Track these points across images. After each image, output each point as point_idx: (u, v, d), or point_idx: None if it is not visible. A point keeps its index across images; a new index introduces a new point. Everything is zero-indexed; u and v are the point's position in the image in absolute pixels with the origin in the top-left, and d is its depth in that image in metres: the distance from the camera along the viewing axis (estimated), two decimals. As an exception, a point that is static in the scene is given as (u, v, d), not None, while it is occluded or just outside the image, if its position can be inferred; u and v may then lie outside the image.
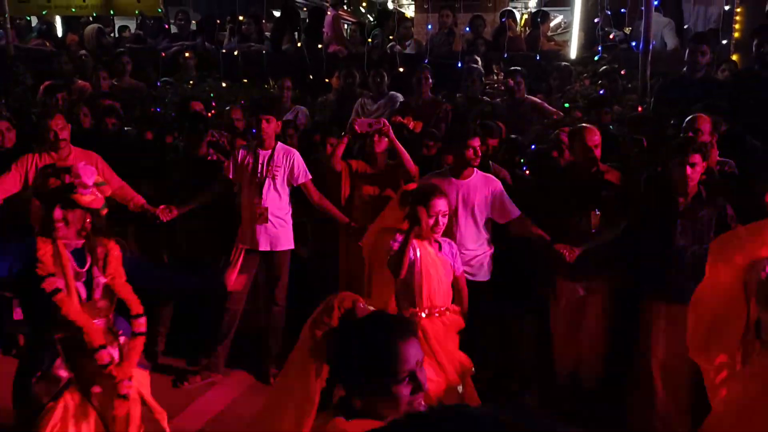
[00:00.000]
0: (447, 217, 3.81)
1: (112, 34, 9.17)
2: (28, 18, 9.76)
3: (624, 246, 4.32)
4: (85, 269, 3.16)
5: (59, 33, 9.89)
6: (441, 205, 3.73)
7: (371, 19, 10.69)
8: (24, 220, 4.79)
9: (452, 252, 3.92)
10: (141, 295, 3.33)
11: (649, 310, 4.15)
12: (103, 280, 3.19)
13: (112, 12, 8.25)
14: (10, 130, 5.17)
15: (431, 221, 3.71)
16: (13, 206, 4.82)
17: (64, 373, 3.07)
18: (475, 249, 4.46)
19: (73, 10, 8.07)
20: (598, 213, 4.34)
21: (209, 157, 5.25)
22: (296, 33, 8.48)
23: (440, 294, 3.80)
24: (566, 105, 6.19)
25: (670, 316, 4.05)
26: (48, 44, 8.71)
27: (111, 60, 7.53)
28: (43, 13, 8.47)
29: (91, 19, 8.80)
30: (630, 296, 4.33)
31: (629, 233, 4.28)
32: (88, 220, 3.16)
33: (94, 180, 3.14)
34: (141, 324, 3.26)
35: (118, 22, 9.78)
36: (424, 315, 3.72)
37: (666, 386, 4.10)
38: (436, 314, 3.77)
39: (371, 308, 2.01)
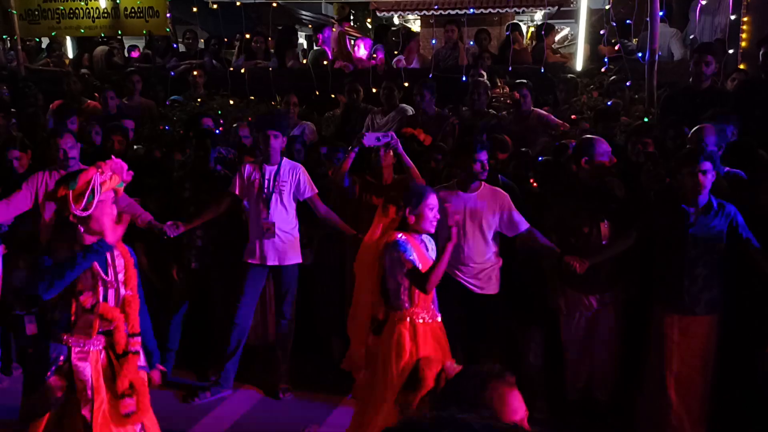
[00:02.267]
0: (436, 210, 3.70)
1: (117, 55, 9.24)
2: (38, 39, 9.88)
3: (635, 257, 4.29)
4: (111, 278, 3.10)
5: (69, 54, 10.00)
6: (432, 199, 3.67)
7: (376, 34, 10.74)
8: (35, 237, 4.85)
9: (432, 248, 3.79)
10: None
11: (661, 322, 4.11)
12: (123, 291, 3.15)
13: (120, 32, 8.33)
14: (21, 158, 5.21)
15: (431, 214, 3.64)
16: (24, 224, 4.86)
17: (59, 390, 3.02)
18: (483, 262, 4.44)
19: (82, 30, 8.17)
20: (607, 224, 4.32)
21: (217, 173, 5.27)
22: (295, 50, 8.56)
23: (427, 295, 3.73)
24: (573, 117, 6.19)
25: (684, 327, 4.02)
26: (52, 64, 8.82)
27: (121, 79, 7.61)
28: (53, 34, 8.56)
29: (100, 39, 8.89)
30: (641, 307, 4.29)
31: (640, 244, 4.25)
32: None
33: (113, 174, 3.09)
34: (137, 343, 3.20)
35: (127, 42, 9.89)
36: (421, 320, 3.65)
37: (680, 398, 4.05)
38: (424, 318, 3.68)
39: (458, 366, 2.00)
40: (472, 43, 8.35)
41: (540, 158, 5.26)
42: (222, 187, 4.98)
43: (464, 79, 6.97)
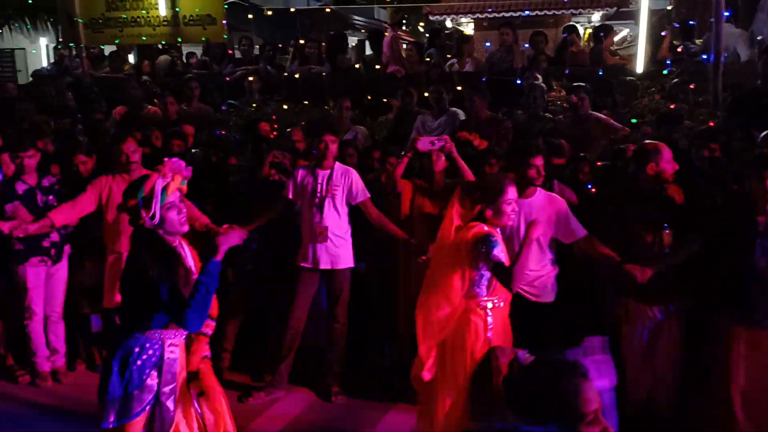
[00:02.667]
0: (514, 204, 3.69)
1: (179, 63, 9.47)
2: (102, 47, 10.20)
3: (699, 266, 4.13)
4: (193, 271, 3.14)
5: (131, 61, 10.31)
6: (512, 192, 3.67)
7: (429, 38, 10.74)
8: (99, 239, 5.01)
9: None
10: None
11: (728, 335, 3.94)
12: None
13: (179, 40, 8.52)
14: (86, 162, 5.37)
15: (509, 209, 3.63)
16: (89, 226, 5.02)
17: (153, 383, 3.04)
18: (539, 269, 4.34)
19: (144, 38, 8.39)
20: (669, 231, 4.17)
21: (272, 178, 5.32)
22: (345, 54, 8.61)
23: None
24: (633, 120, 6.02)
25: (752, 341, 3.84)
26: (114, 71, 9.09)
27: (179, 85, 7.78)
28: (116, 42, 8.82)
29: (160, 47, 9.12)
30: (705, 319, 4.13)
31: (704, 253, 4.09)
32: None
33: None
34: (210, 325, 3.29)
35: (185, 49, 10.12)
36: (491, 305, 3.63)
37: (747, 415, 3.87)
38: (501, 304, 3.68)
39: (531, 356, 2.03)
40: (527, 45, 8.24)
41: (598, 163, 5.14)
42: (276, 191, 5.03)
43: (519, 82, 6.88)
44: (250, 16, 10.83)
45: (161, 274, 2.92)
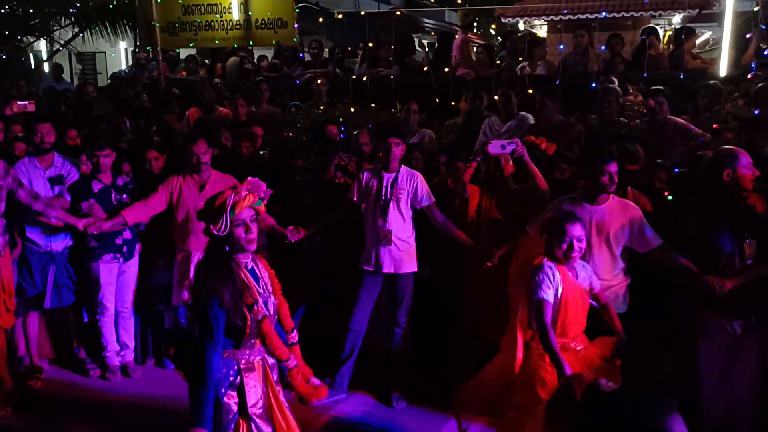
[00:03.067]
0: (583, 242, 3.75)
1: (248, 63, 9.62)
2: (177, 51, 10.49)
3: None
4: (265, 290, 3.16)
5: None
6: (575, 230, 3.69)
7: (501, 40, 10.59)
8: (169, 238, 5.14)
9: (587, 274, 3.85)
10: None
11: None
12: (274, 300, 3.19)
13: (251, 43, 8.67)
14: (158, 158, 5.51)
15: (565, 246, 3.67)
16: (160, 224, 5.14)
17: (233, 402, 3.06)
18: (610, 279, 4.19)
19: (217, 41, 8.57)
20: (751, 242, 3.93)
21: (337, 180, 5.32)
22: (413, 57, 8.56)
23: (575, 323, 3.71)
24: (715, 126, 5.74)
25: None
26: (187, 73, 9.31)
27: (250, 88, 7.91)
28: (190, 45, 9.05)
29: (234, 48, 9.29)
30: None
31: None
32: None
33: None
34: (295, 336, 3.36)
35: (257, 53, 10.29)
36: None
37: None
38: (572, 346, 3.63)
39: (613, 384, 1.91)
40: (603, 48, 7.99)
41: (676, 170, 4.91)
42: (341, 193, 5.02)
43: (594, 85, 6.67)
44: (320, 19, 10.94)
45: (210, 292, 2.94)
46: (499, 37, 11.68)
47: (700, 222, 4.10)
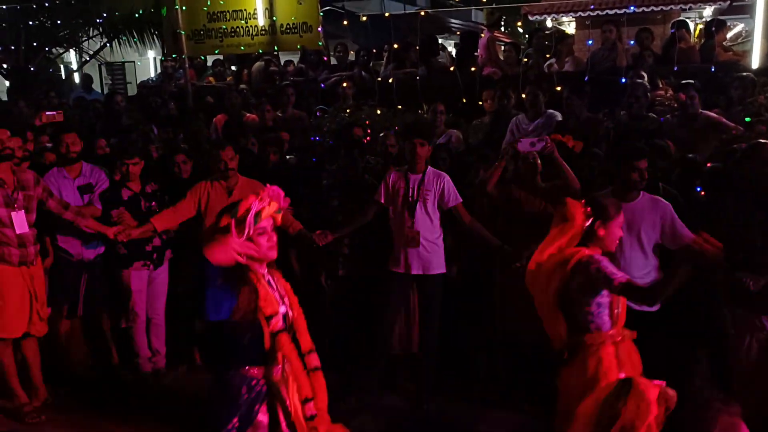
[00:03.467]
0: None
1: (274, 66, 9.66)
2: (203, 58, 10.58)
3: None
4: (283, 302, 3.08)
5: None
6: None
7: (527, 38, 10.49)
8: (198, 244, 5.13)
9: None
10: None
11: None
12: (291, 314, 3.12)
13: (276, 48, 8.70)
14: (186, 162, 5.56)
15: (618, 234, 3.43)
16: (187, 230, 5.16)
17: (264, 419, 2.99)
18: (642, 276, 4.11)
19: (242, 48, 8.61)
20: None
21: (365, 183, 5.31)
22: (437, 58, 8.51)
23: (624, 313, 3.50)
24: (748, 119, 5.59)
25: None
26: (214, 80, 9.38)
27: (276, 93, 7.94)
28: (216, 52, 9.11)
29: (259, 53, 9.34)
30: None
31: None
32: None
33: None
34: (315, 358, 3.18)
35: (283, 57, 10.34)
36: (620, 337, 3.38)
37: None
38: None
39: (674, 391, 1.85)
40: (632, 43, 7.86)
41: (708, 164, 4.80)
42: (369, 196, 5.01)
43: (623, 81, 6.56)
44: (345, 22, 10.96)
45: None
46: (526, 35, 11.55)
47: (734, 217, 4.01)
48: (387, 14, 8.93)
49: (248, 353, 2.96)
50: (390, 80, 7.80)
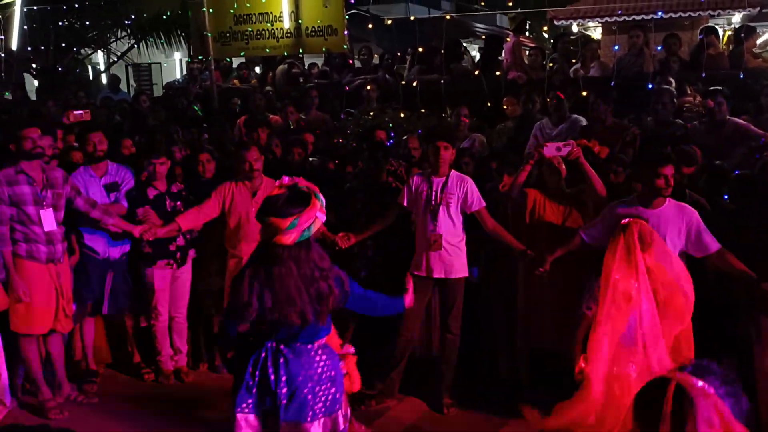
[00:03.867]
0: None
1: (297, 68, 9.71)
2: (229, 60, 10.67)
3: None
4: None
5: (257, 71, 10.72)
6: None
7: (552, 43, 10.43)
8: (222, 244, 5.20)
9: None
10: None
11: None
12: None
13: (301, 51, 8.75)
14: (210, 161, 5.60)
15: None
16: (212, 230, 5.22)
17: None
18: (667, 284, 4.05)
19: (268, 50, 8.67)
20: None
21: (388, 186, 5.31)
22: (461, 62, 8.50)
23: None
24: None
25: None
26: (239, 82, 9.45)
27: (300, 95, 7.98)
28: (242, 54, 9.19)
29: (284, 55, 9.40)
30: None
31: None
32: None
33: None
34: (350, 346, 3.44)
35: (307, 60, 10.39)
36: None
37: None
38: None
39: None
40: (659, 48, 7.78)
41: (736, 172, 4.74)
42: (392, 199, 5.01)
43: (650, 86, 6.51)
44: (370, 25, 10.99)
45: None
46: (551, 40, 11.49)
47: (761, 226, 3.95)
48: (412, 18, 8.94)
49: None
50: (414, 83, 7.80)
